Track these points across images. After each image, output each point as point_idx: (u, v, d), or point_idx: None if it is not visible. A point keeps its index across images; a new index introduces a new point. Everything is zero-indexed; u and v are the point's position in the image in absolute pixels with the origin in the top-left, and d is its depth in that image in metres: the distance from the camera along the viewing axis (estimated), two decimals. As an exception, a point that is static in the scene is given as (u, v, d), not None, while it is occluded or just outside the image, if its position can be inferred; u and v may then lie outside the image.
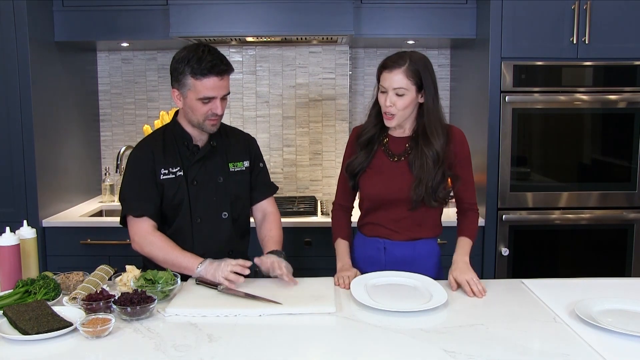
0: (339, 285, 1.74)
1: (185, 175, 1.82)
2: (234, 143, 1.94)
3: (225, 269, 1.66)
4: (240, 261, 1.69)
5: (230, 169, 1.89)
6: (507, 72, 2.66)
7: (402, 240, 1.87)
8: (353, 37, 2.84)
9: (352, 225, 2.02)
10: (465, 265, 1.75)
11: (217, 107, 1.75)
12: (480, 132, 2.79)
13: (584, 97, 2.69)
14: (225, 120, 3.30)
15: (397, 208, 1.84)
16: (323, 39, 2.96)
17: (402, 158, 1.84)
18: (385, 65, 1.76)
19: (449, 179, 1.84)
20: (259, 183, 2.00)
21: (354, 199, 2.03)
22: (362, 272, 1.82)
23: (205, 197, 1.84)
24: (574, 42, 2.64)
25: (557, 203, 2.75)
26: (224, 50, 3.27)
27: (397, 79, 1.73)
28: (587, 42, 2.63)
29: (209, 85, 1.71)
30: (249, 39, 2.92)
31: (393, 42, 3.13)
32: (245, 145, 1.97)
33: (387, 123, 1.80)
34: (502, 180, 2.71)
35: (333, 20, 2.73)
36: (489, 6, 2.64)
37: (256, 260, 1.76)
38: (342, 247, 1.93)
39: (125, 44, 3.11)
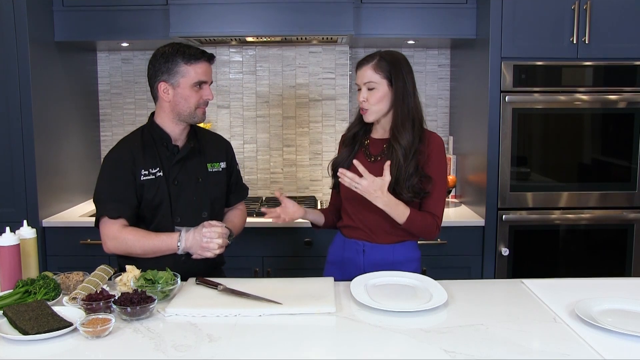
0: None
1: (166, 175, 1.83)
2: (211, 144, 1.97)
3: (208, 240, 1.73)
4: (214, 222, 1.77)
5: (209, 169, 1.92)
6: (507, 72, 2.66)
7: (381, 243, 1.87)
8: (353, 37, 2.84)
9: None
10: (383, 194, 1.71)
11: (209, 93, 1.83)
12: (480, 132, 2.79)
13: (584, 97, 2.68)
14: (225, 120, 3.33)
15: (374, 209, 1.82)
16: (323, 39, 2.96)
17: (379, 158, 1.86)
18: (358, 64, 1.86)
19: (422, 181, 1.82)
20: (238, 187, 2.05)
21: (341, 201, 2.01)
22: (342, 276, 1.84)
23: (185, 197, 1.85)
24: (574, 42, 2.64)
25: (557, 203, 2.75)
26: (224, 50, 3.28)
27: (367, 74, 1.82)
28: (587, 42, 2.63)
29: (201, 69, 1.79)
30: (249, 39, 2.92)
31: (393, 42, 3.12)
32: (222, 148, 2.00)
33: (365, 118, 1.86)
34: (502, 180, 2.71)
35: (333, 20, 2.73)
36: (489, 6, 2.64)
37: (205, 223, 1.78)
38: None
39: (125, 44, 3.11)
